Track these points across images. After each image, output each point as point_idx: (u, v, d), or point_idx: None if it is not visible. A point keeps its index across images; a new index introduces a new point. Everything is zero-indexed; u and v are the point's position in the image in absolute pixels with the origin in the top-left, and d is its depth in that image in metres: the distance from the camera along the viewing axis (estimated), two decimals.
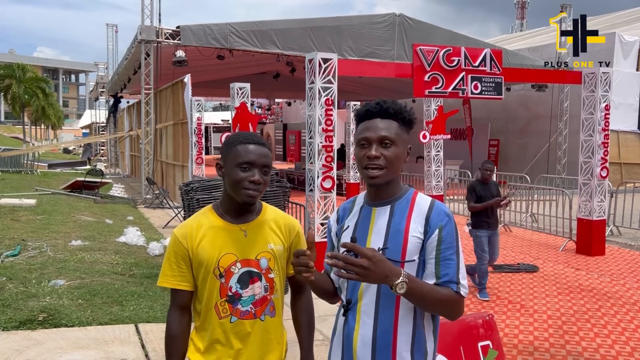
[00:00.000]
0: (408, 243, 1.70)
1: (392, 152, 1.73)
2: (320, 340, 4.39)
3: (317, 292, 1.92)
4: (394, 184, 1.79)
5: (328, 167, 6.46)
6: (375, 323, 1.72)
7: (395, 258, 1.70)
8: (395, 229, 1.73)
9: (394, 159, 1.73)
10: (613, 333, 4.94)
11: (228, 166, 1.88)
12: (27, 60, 62.46)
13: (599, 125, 8.16)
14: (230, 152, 1.88)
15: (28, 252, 7.04)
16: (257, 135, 1.95)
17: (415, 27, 13.98)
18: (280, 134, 35.59)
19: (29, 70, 46.64)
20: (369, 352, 1.73)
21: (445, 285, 1.68)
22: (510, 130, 20.64)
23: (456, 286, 1.68)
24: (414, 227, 1.71)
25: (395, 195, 1.79)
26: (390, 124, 1.75)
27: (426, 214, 1.72)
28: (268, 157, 1.89)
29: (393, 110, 1.75)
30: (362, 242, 1.77)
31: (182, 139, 13.58)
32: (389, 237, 1.73)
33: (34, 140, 55.28)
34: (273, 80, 19.24)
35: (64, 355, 4.07)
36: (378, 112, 1.76)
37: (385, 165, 1.72)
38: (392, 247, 1.71)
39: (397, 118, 1.76)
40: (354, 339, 1.75)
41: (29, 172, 20.66)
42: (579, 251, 8.39)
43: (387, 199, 1.78)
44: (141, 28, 13.28)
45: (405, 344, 1.71)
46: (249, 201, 1.86)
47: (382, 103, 1.77)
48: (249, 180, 1.84)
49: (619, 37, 17.57)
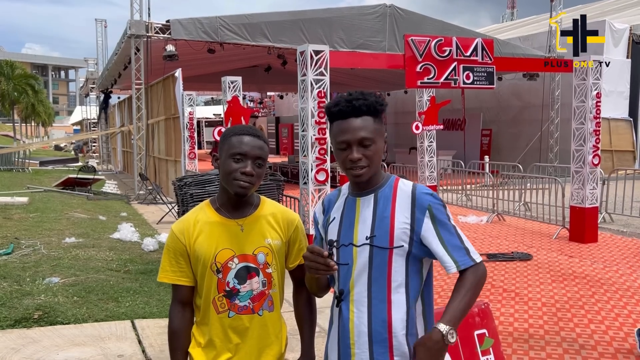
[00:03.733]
0: (395, 229, 1.73)
1: (372, 150, 1.76)
2: (317, 332, 4.39)
3: (313, 286, 1.93)
4: (378, 172, 1.83)
5: (322, 159, 6.45)
6: (369, 311, 1.74)
7: (383, 245, 1.74)
8: (381, 216, 1.76)
9: (374, 156, 1.77)
10: (607, 319, 4.99)
11: (222, 157, 1.88)
12: (16, 57, 61.86)
13: (591, 113, 8.19)
14: (225, 144, 1.88)
15: (21, 251, 7.01)
16: (253, 128, 1.94)
17: (407, 18, 13.95)
18: (272, 128, 35.47)
19: (18, 67, 46.12)
20: (366, 341, 1.74)
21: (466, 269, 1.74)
22: (503, 120, 20.71)
23: (472, 260, 1.74)
24: (399, 212, 1.75)
25: (378, 184, 1.82)
26: (366, 122, 1.76)
27: (410, 199, 1.76)
28: (262, 149, 1.88)
29: (366, 107, 1.75)
30: (350, 232, 1.80)
31: (174, 133, 13.51)
32: (376, 225, 1.76)
33: (25, 138, 54.84)
34: (265, 74, 19.18)
35: (60, 353, 4.07)
36: (352, 111, 1.75)
37: (367, 164, 1.76)
38: (380, 234, 1.74)
39: (371, 113, 1.76)
40: (350, 330, 1.77)
41: (21, 170, 20.51)
42: (572, 239, 8.45)
43: (370, 189, 1.82)
44: (130, 23, 13.17)
45: (401, 329, 1.74)
46: (240, 192, 1.84)
47: (354, 101, 1.75)
48: (240, 171, 1.82)
49: (609, 25, 17.62)
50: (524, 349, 4.33)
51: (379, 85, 22.53)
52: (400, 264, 1.74)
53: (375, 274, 1.74)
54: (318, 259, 1.69)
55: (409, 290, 1.76)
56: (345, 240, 1.81)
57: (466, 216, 10.72)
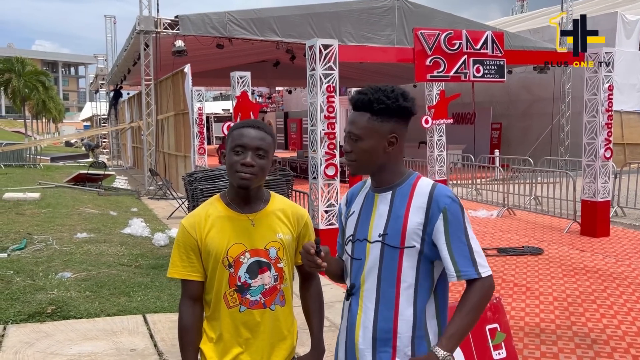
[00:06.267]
0: (407, 229, 1.71)
1: (358, 146, 1.76)
2: (327, 327, 4.41)
3: (330, 276, 1.96)
4: (391, 171, 1.79)
5: (331, 154, 6.45)
6: (377, 308, 1.74)
7: (395, 244, 1.72)
8: (395, 215, 1.74)
9: (360, 153, 1.76)
10: (619, 314, 4.95)
11: (227, 152, 1.88)
12: (26, 53, 62.23)
13: (603, 106, 8.11)
14: (229, 138, 1.89)
15: (34, 246, 7.07)
16: (256, 120, 1.93)
17: (416, 11, 13.86)
18: (281, 123, 35.46)
19: (28, 63, 46.50)
20: (370, 337, 1.74)
21: (469, 280, 1.69)
22: (513, 113, 20.55)
23: (476, 272, 1.68)
24: (413, 212, 1.71)
25: (397, 181, 1.79)
26: (360, 118, 1.76)
27: (427, 199, 1.72)
28: (263, 140, 1.85)
29: (361, 103, 1.76)
30: (365, 228, 1.79)
31: (183, 129, 13.55)
32: (389, 223, 1.74)
33: (36, 134, 55.27)
34: (273, 69, 19.14)
35: (73, 347, 4.11)
36: (354, 105, 1.79)
37: (355, 159, 1.78)
38: (392, 233, 1.73)
39: (367, 110, 1.75)
40: (357, 325, 1.77)
41: (32, 166, 20.70)
42: (583, 233, 8.39)
43: (387, 185, 1.80)
44: (139, 19, 13.20)
45: (406, 330, 1.72)
46: (242, 184, 1.84)
47: (355, 95, 1.78)
48: (240, 162, 1.82)
49: (621, 17, 17.40)
50: (535, 344, 4.31)
51: (388, 80, 22.44)
52: (410, 265, 1.72)
53: (385, 273, 1.73)
54: (307, 256, 1.74)
55: (418, 291, 1.73)
56: (360, 235, 1.81)
57: (476, 210, 10.67)
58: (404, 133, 1.80)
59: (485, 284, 1.69)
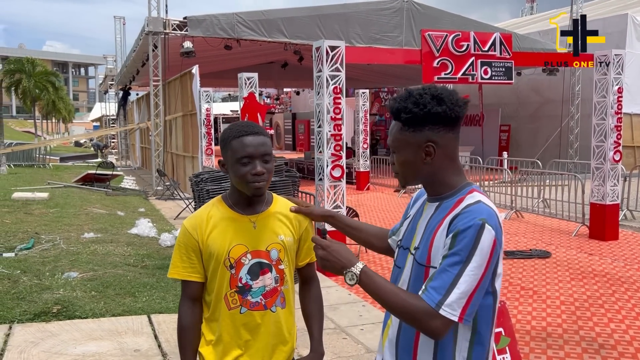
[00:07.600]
0: (432, 247, 1.55)
1: (396, 158, 1.66)
2: (332, 329, 4.39)
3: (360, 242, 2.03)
4: (440, 182, 1.63)
5: (337, 155, 6.43)
6: (400, 323, 1.64)
7: (422, 261, 1.58)
8: (429, 229, 1.59)
9: (400, 165, 1.65)
10: (627, 318, 4.90)
11: (229, 163, 1.86)
12: (37, 54, 62.80)
13: (612, 108, 8.04)
14: (228, 149, 1.85)
15: (41, 245, 7.12)
16: (249, 124, 1.89)
17: (424, 13, 13.84)
18: (289, 124, 35.52)
19: (39, 64, 46.88)
20: (394, 346, 1.66)
21: (423, 295, 1.48)
22: (521, 116, 20.44)
23: (435, 302, 1.44)
24: (441, 230, 1.54)
25: (445, 194, 1.62)
26: (394, 128, 1.65)
27: (454, 216, 1.52)
28: (266, 145, 1.85)
29: (392, 112, 1.64)
30: (410, 237, 1.69)
31: (191, 130, 13.58)
32: (424, 237, 1.61)
33: (46, 134, 55.71)
34: (281, 70, 19.17)
35: (78, 347, 4.12)
36: (390, 114, 1.69)
37: (396, 171, 1.69)
38: (422, 248, 1.59)
39: (398, 119, 1.62)
40: (385, 332, 1.71)
41: (41, 165, 20.87)
42: (592, 236, 8.32)
43: (436, 196, 1.65)
44: (148, 20, 13.27)
45: (428, 353, 1.56)
46: (257, 193, 1.85)
47: (389, 102, 1.67)
48: (251, 173, 1.81)
49: (631, 19, 17.26)
50: (541, 348, 4.27)
51: (395, 81, 22.40)
52: None
53: (412, 290, 1.60)
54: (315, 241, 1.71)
55: None
56: (406, 243, 1.71)
57: None
58: (448, 140, 1.59)
59: (427, 313, 1.45)
